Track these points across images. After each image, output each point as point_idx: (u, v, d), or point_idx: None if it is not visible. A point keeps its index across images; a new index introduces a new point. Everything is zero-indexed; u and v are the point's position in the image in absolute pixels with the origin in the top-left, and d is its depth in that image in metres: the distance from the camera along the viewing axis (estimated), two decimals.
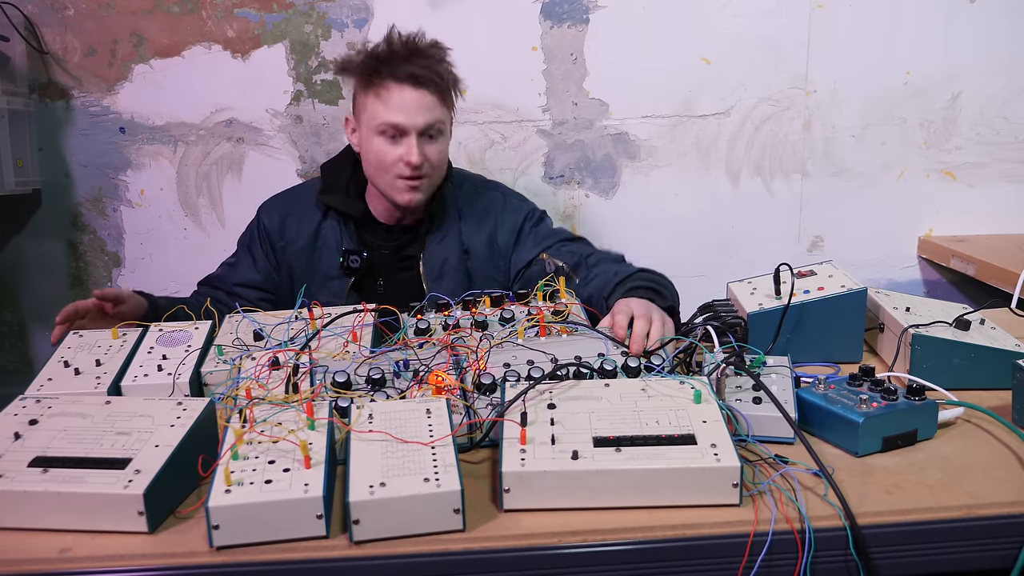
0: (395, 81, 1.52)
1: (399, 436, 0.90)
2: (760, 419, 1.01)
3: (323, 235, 1.67)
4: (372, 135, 1.55)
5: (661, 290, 1.41)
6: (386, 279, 1.68)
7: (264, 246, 1.70)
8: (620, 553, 0.83)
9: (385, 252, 1.69)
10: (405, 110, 1.52)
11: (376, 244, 1.69)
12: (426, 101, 1.53)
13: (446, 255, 1.67)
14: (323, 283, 1.67)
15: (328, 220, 1.67)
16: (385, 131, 1.53)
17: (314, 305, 1.28)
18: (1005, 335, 1.28)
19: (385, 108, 1.52)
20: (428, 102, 1.53)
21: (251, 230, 1.73)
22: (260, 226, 1.71)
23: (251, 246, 1.71)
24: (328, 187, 1.68)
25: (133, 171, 2.32)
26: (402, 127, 1.52)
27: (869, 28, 2.31)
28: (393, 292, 1.67)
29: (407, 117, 1.52)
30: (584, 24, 2.28)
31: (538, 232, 1.70)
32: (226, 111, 2.29)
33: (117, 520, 0.84)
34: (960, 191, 2.44)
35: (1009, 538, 0.86)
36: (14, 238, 2.34)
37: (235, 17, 2.23)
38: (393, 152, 1.54)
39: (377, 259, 1.67)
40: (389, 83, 1.52)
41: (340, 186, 1.67)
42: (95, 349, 1.22)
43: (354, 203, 1.66)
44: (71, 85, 2.25)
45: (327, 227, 1.67)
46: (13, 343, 2.41)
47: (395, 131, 1.53)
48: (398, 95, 1.52)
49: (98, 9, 2.20)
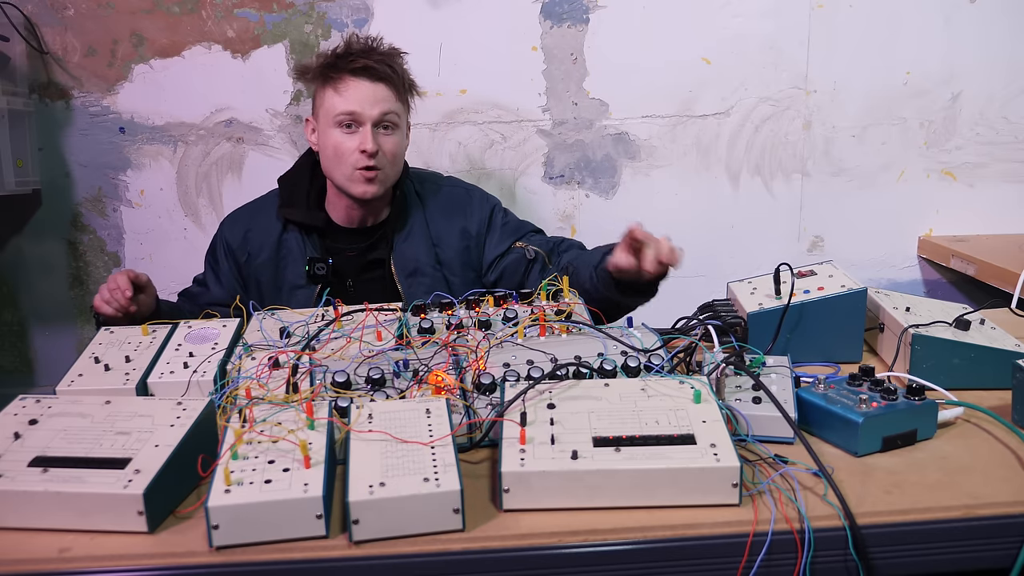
0: (351, 74, 1.58)
1: (399, 436, 0.90)
2: (760, 419, 1.01)
3: (286, 246, 1.69)
4: (329, 127, 1.60)
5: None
6: (355, 280, 1.70)
7: (228, 261, 1.72)
8: (620, 553, 0.83)
9: (351, 255, 1.71)
10: (360, 101, 1.58)
11: (340, 249, 1.70)
12: (381, 93, 1.59)
13: (416, 252, 1.70)
14: (291, 292, 1.68)
15: (290, 231, 1.70)
16: (341, 121, 1.58)
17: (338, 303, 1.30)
18: (1005, 335, 1.28)
19: (341, 99, 1.58)
20: (383, 94, 1.59)
21: (213, 246, 1.75)
22: (223, 242, 1.73)
23: (215, 264, 1.74)
24: (287, 200, 1.70)
25: (133, 171, 2.32)
26: (357, 116, 1.58)
27: (869, 28, 2.31)
28: (364, 293, 1.67)
29: (362, 107, 1.57)
30: (584, 24, 2.28)
31: (509, 223, 1.76)
32: (226, 111, 2.29)
33: (117, 520, 0.84)
34: (960, 191, 2.44)
35: (1009, 538, 0.86)
36: (14, 238, 2.34)
37: (235, 17, 2.23)
38: (349, 142, 1.59)
39: (342, 263, 1.69)
40: (346, 76, 1.58)
41: (300, 198, 1.69)
42: (125, 345, 1.23)
43: (315, 214, 1.69)
44: (71, 85, 2.25)
45: (289, 238, 1.69)
46: (13, 343, 2.41)
47: (351, 120, 1.58)
48: (354, 86, 1.58)
49: (98, 9, 2.20)
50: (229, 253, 1.72)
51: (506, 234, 1.73)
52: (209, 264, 1.75)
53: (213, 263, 1.74)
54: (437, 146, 2.31)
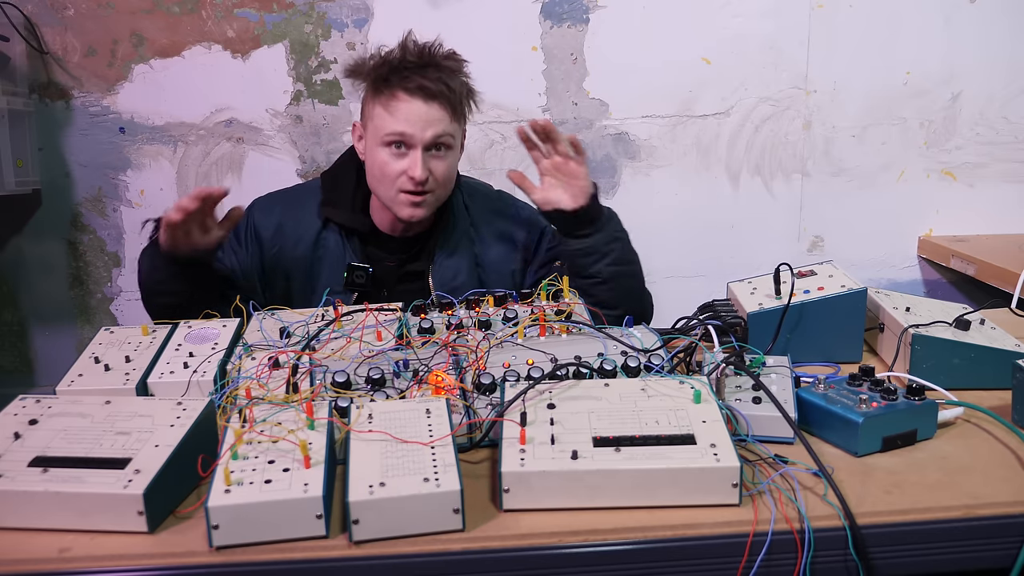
0: (405, 92, 1.46)
1: (399, 436, 0.89)
2: (760, 419, 1.01)
3: (324, 245, 1.61)
4: (377, 145, 1.50)
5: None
6: (390, 291, 1.63)
7: (251, 248, 1.62)
8: (620, 553, 0.83)
9: (390, 264, 1.63)
10: (412, 123, 1.46)
11: (380, 256, 1.63)
12: (435, 115, 1.47)
13: (457, 269, 1.62)
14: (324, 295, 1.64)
15: (328, 231, 1.61)
16: (391, 142, 1.48)
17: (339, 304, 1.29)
18: (1005, 335, 1.28)
19: (392, 119, 1.47)
20: (437, 116, 1.47)
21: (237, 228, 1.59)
22: (251, 226, 1.62)
23: (236, 247, 1.62)
24: (331, 199, 1.62)
25: (133, 171, 2.32)
26: (408, 139, 1.47)
27: (869, 28, 2.31)
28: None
29: (414, 130, 1.46)
30: (584, 24, 2.28)
31: (553, 248, 1.67)
32: (226, 111, 2.29)
33: (117, 520, 0.84)
34: (960, 191, 2.44)
35: (1009, 538, 0.86)
36: (14, 238, 2.34)
37: (235, 17, 2.23)
38: (397, 165, 1.49)
39: (381, 271, 1.62)
40: (399, 92, 1.47)
41: (345, 199, 1.61)
42: (125, 345, 1.23)
43: (360, 218, 1.61)
44: (71, 85, 2.25)
45: (328, 238, 1.61)
46: (13, 343, 2.41)
47: (401, 143, 1.48)
48: (406, 107, 1.46)
49: (98, 9, 2.20)
50: (256, 240, 1.61)
51: (548, 259, 1.66)
52: (229, 246, 1.61)
53: (234, 245, 1.62)
54: None
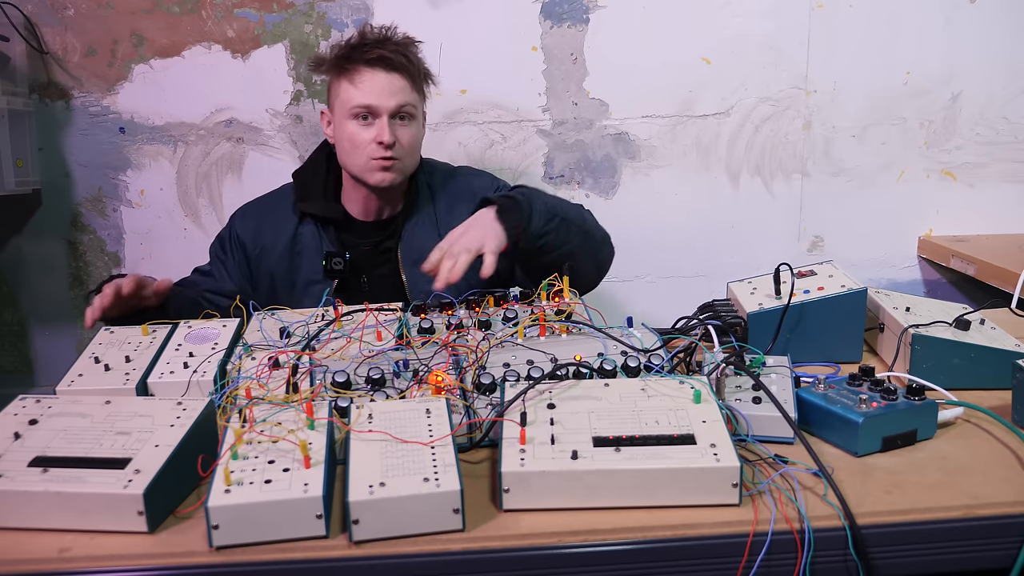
0: (367, 65, 1.57)
1: (399, 436, 0.90)
2: (760, 419, 1.01)
3: (301, 240, 1.68)
4: (345, 119, 1.59)
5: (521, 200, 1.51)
6: (369, 275, 1.69)
7: (237, 256, 1.70)
8: (619, 553, 0.83)
9: (366, 249, 1.70)
10: (377, 92, 1.56)
11: (355, 242, 1.70)
12: (397, 84, 1.58)
13: (422, 241, 1.68)
14: (305, 288, 1.67)
15: (305, 225, 1.68)
16: (358, 114, 1.57)
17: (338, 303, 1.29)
18: (1005, 335, 1.28)
19: (357, 91, 1.57)
20: (399, 85, 1.58)
21: (222, 239, 1.73)
22: (232, 235, 1.71)
23: (223, 256, 1.72)
24: (304, 194, 1.69)
25: (133, 171, 2.31)
26: (374, 108, 1.57)
27: (869, 28, 2.31)
28: (377, 287, 1.68)
29: (378, 98, 1.56)
30: (584, 24, 2.28)
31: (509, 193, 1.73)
32: (226, 111, 2.29)
33: (117, 520, 0.84)
34: (960, 191, 2.44)
35: (1009, 538, 0.86)
36: (14, 238, 2.34)
37: (235, 17, 2.23)
38: (366, 134, 1.58)
39: (358, 257, 1.68)
40: (361, 67, 1.57)
41: (316, 191, 1.68)
42: (125, 345, 1.23)
43: (332, 205, 1.68)
44: (71, 85, 2.24)
45: (304, 232, 1.68)
46: (13, 343, 2.41)
47: (367, 112, 1.57)
48: (370, 77, 1.56)
49: (98, 9, 2.20)
50: (239, 247, 1.70)
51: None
52: (217, 256, 1.73)
53: (221, 255, 1.72)
54: (437, 146, 2.31)
